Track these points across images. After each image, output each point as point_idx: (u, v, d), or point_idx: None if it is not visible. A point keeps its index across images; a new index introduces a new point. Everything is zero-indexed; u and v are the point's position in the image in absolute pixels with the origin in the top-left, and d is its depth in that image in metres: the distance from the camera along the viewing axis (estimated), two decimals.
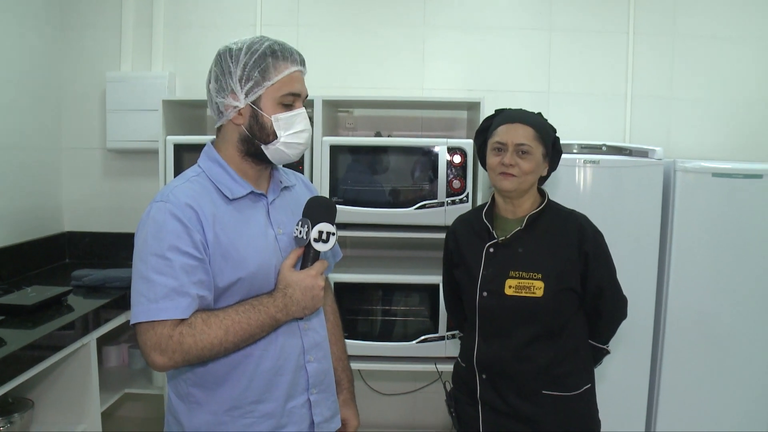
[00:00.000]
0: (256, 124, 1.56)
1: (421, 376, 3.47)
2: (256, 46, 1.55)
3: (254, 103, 1.54)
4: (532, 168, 2.00)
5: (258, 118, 1.55)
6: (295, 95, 1.58)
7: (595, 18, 3.51)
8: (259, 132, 1.56)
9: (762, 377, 3.13)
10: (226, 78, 1.56)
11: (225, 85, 1.56)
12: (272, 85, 1.54)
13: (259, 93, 1.54)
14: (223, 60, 1.58)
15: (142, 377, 3.32)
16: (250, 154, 1.60)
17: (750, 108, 3.57)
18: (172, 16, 3.53)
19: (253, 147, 1.58)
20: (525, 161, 1.98)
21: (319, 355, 1.70)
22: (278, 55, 1.55)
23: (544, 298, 1.97)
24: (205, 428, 1.57)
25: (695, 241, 3.06)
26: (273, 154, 1.59)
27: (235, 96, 1.55)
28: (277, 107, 1.56)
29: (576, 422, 2.05)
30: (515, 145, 1.98)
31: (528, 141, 1.99)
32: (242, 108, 1.55)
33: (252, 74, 1.53)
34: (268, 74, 1.53)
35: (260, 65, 1.53)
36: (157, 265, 1.44)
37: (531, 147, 1.99)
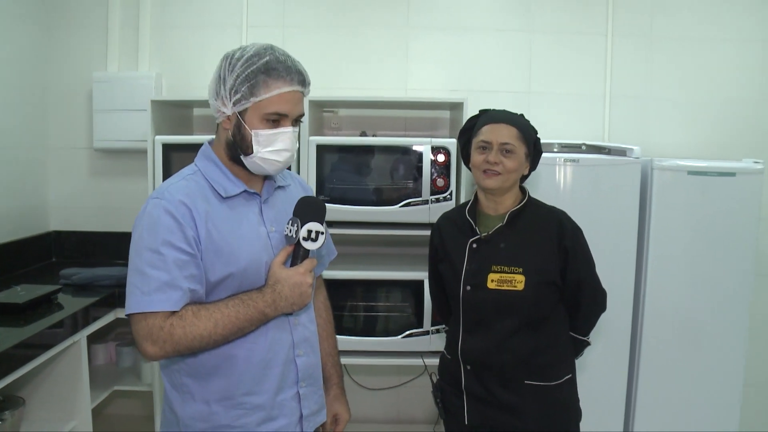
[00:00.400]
0: (238, 134, 1.60)
1: (406, 371, 3.53)
2: (255, 59, 1.57)
3: (240, 114, 1.59)
4: (516, 167, 2.06)
5: (241, 128, 1.59)
6: (280, 114, 1.60)
7: (574, 20, 3.59)
8: (240, 141, 1.60)
9: (735, 368, 3.22)
10: (220, 85, 1.60)
11: (219, 90, 1.60)
12: (259, 102, 1.57)
13: (245, 106, 1.57)
14: (223, 66, 1.61)
15: (130, 374, 3.35)
16: (233, 159, 1.65)
17: (725, 108, 3.66)
18: (159, 17, 3.56)
19: (236, 153, 1.63)
20: (509, 160, 2.05)
21: (308, 349, 1.75)
22: (273, 73, 1.57)
23: (525, 292, 2.03)
24: (198, 418, 1.62)
25: (672, 237, 3.13)
26: (251, 165, 1.63)
27: (224, 103, 1.59)
28: (261, 123, 1.59)
29: (557, 411, 2.12)
30: (500, 144, 2.04)
31: (512, 140, 2.05)
32: (230, 115, 1.60)
33: (241, 87, 1.56)
34: (257, 91, 1.56)
35: (251, 80, 1.56)
36: (150, 259, 1.50)
37: (515, 146, 2.05)
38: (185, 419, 1.64)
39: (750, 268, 3.20)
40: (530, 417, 2.08)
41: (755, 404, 3.76)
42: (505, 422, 2.09)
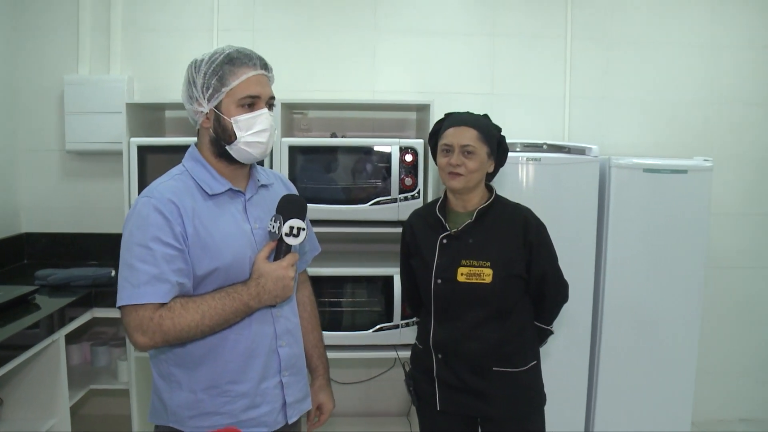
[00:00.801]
0: (219, 127, 1.69)
1: (377, 364, 3.61)
2: (215, 56, 1.68)
3: (217, 107, 1.68)
4: (477, 167, 2.16)
5: (220, 121, 1.68)
6: (253, 97, 1.69)
7: (534, 24, 3.72)
8: (222, 133, 1.69)
9: (688, 356, 3.39)
10: (191, 88, 1.69)
11: (192, 93, 1.69)
12: (231, 90, 1.66)
13: (219, 98, 1.67)
14: (189, 72, 1.71)
15: (105, 374, 3.38)
16: (220, 155, 1.73)
17: (677, 108, 3.83)
18: (130, 21, 3.59)
19: (221, 148, 1.71)
20: (470, 161, 2.15)
21: (291, 340, 1.84)
22: (235, 61, 1.67)
23: (493, 284, 2.14)
24: (185, 406, 1.70)
25: (629, 232, 3.28)
26: (237, 153, 1.71)
27: (200, 103, 1.68)
28: (238, 110, 1.68)
29: (524, 395, 2.24)
30: (461, 146, 2.15)
31: (472, 142, 2.15)
32: (207, 113, 1.69)
33: (210, 82, 1.66)
34: (226, 80, 1.66)
35: (217, 73, 1.66)
36: (140, 254, 1.58)
37: (475, 147, 2.15)
38: (173, 407, 1.72)
39: (701, 260, 3.36)
40: (498, 401, 2.20)
41: (707, 390, 3.94)
42: (475, 407, 2.21)
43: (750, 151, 3.91)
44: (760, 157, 3.92)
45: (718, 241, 3.91)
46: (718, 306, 3.97)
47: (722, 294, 3.97)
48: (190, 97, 1.71)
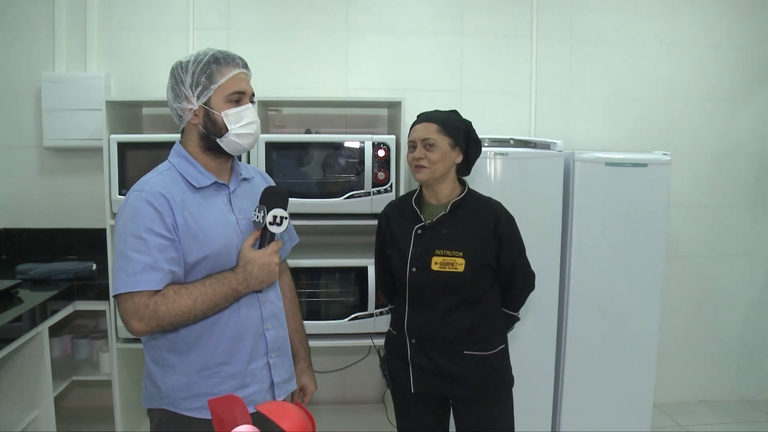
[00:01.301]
0: (209, 122, 1.79)
1: (353, 351, 3.73)
2: (201, 56, 1.79)
3: (206, 104, 1.78)
4: (439, 157, 2.27)
5: (210, 116, 1.79)
6: (240, 93, 1.81)
7: (501, 23, 3.85)
8: (212, 128, 1.80)
9: (650, 340, 3.53)
10: (180, 87, 1.79)
11: (180, 92, 1.79)
12: (219, 87, 1.78)
13: (208, 95, 1.77)
14: (176, 72, 1.81)
15: (87, 365, 3.44)
16: (209, 149, 1.83)
17: (638, 104, 4.00)
18: (106, 19, 3.63)
19: (211, 142, 1.82)
20: (431, 153, 2.27)
21: (276, 323, 1.95)
22: (221, 61, 1.79)
23: (465, 273, 2.26)
24: (178, 388, 1.80)
25: (592, 223, 3.41)
26: (228, 145, 1.82)
27: (189, 101, 1.78)
28: (226, 105, 1.79)
29: (493, 377, 2.37)
30: (422, 140, 2.28)
31: (431, 135, 2.27)
32: (196, 110, 1.79)
33: (200, 80, 1.77)
34: (214, 78, 1.77)
35: (206, 71, 1.77)
36: (134, 244, 1.68)
37: (435, 140, 2.27)
38: (167, 390, 1.81)
39: (661, 249, 3.51)
40: (470, 383, 2.32)
41: (669, 373, 4.13)
42: (448, 389, 2.34)
43: (708, 145, 4.10)
44: (718, 151, 4.11)
45: (678, 232, 4.09)
46: (678, 293, 4.15)
47: (682, 282, 4.16)
48: (177, 96, 1.80)
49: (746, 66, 4.06)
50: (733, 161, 4.13)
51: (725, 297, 4.25)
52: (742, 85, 4.08)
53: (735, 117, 4.09)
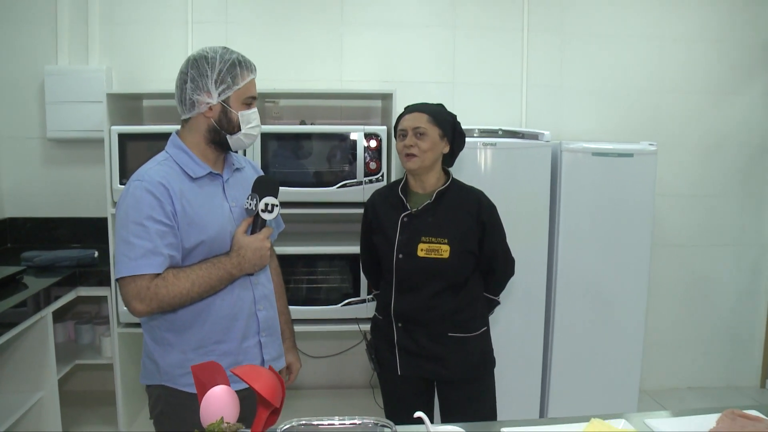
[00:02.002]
0: (225, 118, 1.91)
1: (348, 336, 3.81)
2: (227, 56, 1.90)
3: (225, 101, 1.90)
4: (429, 146, 2.36)
5: (227, 113, 1.90)
6: (253, 98, 1.95)
7: (493, 17, 3.93)
8: (227, 125, 1.91)
9: (636, 327, 3.62)
10: (203, 79, 1.88)
11: (201, 84, 1.88)
12: (239, 89, 1.90)
13: (229, 94, 1.89)
14: (200, 65, 1.89)
15: (90, 350, 3.56)
16: (214, 142, 1.94)
17: (627, 95, 4.08)
18: (107, 13, 3.73)
19: (219, 136, 1.93)
20: (422, 141, 2.35)
21: (267, 304, 2.07)
22: (243, 65, 1.91)
23: (450, 259, 2.36)
24: (176, 365, 1.92)
25: (579, 211, 3.49)
26: (234, 142, 1.94)
27: (210, 94, 1.89)
28: (241, 106, 1.92)
29: (476, 358, 2.47)
30: (412, 129, 2.36)
31: (422, 124, 2.36)
32: (214, 105, 1.90)
33: (226, 78, 1.88)
34: (237, 80, 1.89)
35: (232, 72, 1.88)
36: (136, 231, 1.78)
37: (426, 129, 2.36)
38: (165, 367, 1.93)
39: (647, 237, 3.59)
40: (454, 364, 2.43)
41: (657, 360, 4.23)
42: (433, 370, 2.43)
43: (696, 136, 4.18)
44: (706, 142, 4.19)
45: (667, 221, 4.18)
46: (667, 281, 4.24)
47: (671, 270, 4.25)
48: (197, 87, 1.89)
49: (733, 59, 4.14)
50: (721, 152, 4.21)
51: (714, 285, 4.34)
52: (729, 77, 4.15)
53: (722, 109, 4.17)
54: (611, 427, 1.65)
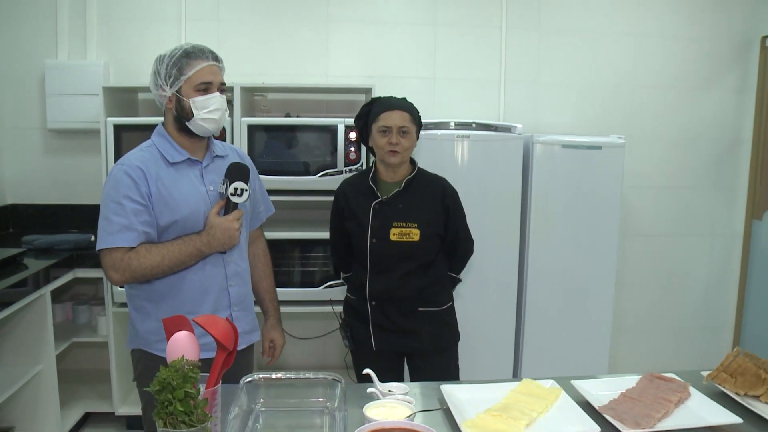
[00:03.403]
0: (179, 107, 2.11)
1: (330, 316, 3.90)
2: (175, 51, 2.11)
3: (178, 92, 2.09)
4: (411, 144, 2.58)
5: (181, 102, 2.10)
6: (207, 83, 2.11)
7: (472, 14, 4.09)
8: (182, 112, 2.11)
9: (605, 314, 3.81)
10: (156, 77, 2.13)
11: (157, 82, 2.13)
12: (188, 78, 2.09)
13: (179, 85, 2.09)
14: (155, 65, 2.14)
15: (87, 329, 3.76)
16: (181, 130, 2.15)
17: (602, 91, 4.25)
18: (105, 10, 3.90)
19: (182, 124, 2.13)
20: (405, 140, 2.55)
21: (239, 281, 2.27)
22: (191, 55, 2.10)
23: (420, 242, 2.58)
24: (152, 332, 2.14)
25: (550, 202, 3.66)
26: (195, 127, 2.13)
27: (163, 89, 2.11)
28: (195, 93, 2.10)
29: (444, 330, 2.72)
30: (398, 127, 2.53)
31: (407, 123, 2.55)
32: (170, 96, 2.10)
33: (172, 72, 2.08)
34: (184, 70, 2.08)
35: (177, 64, 2.08)
36: (114, 208, 2.01)
37: (409, 128, 2.56)
38: (143, 333, 2.16)
39: (616, 227, 3.77)
40: (424, 336, 2.66)
41: (626, 346, 4.41)
42: (405, 344, 2.66)
43: (670, 130, 4.34)
44: (679, 136, 4.35)
45: (640, 212, 4.36)
46: (640, 270, 4.42)
47: (644, 259, 4.42)
48: (156, 85, 2.14)
49: (705, 56, 4.30)
50: (694, 145, 4.38)
51: (685, 274, 4.51)
52: (701, 74, 4.32)
53: (694, 104, 4.33)
54: (540, 386, 1.86)
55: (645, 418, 1.65)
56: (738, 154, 4.43)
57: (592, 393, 1.83)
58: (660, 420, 1.66)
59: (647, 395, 1.79)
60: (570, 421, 1.67)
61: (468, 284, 3.42)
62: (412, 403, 1.67)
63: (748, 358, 1.89)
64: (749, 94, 4.37)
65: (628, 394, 1.83)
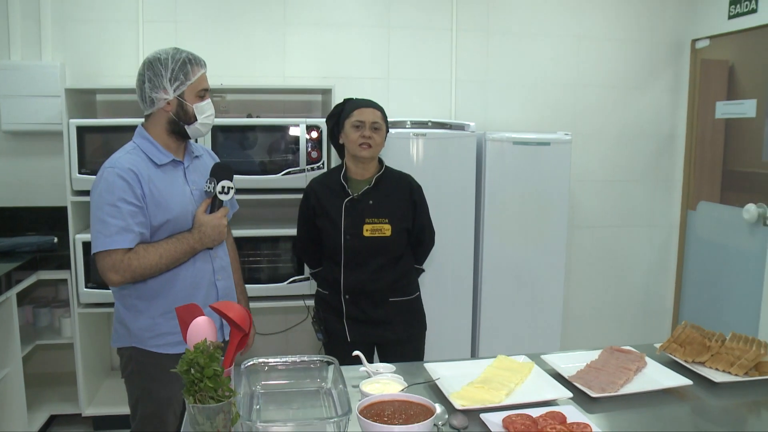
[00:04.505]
0: (181, 111, 2.19)
1: (293, 311, 4.07)
2: (178, 55, 2.17)
3: (180, 96, 2.17)
4: (382, 140, 2.71)
5: (183, 106, 2.18)
6: (205, 90, 2.23)
7: (424, 17, 4.24)
8: (184, 116, 2.20)
9: (556, 302, 4.02)
10: (158, 79, 2.16)
11: (158, 83, 2.16)
12: (192, 84, 2.18)
13: (183, 89, 2.17)
14: (155, 66, 2.17)
15: (49, 331, 3.75)
16: (174, 132, 2.22)
17: (548, 89, 4.45)
18: (59, 10, 3.86)
19: (178, 127, 2.21)
20: (377, 135, 2.68)
21: (225, 275, 2.38)
22: (194, 61, 2.19)
23: (392, 237, 2.71)
24: (146, 329, 2.21)
25: (503, 196, 3.84)
26: (192, 131, 2.23)
27: (166, 91, 2.16)
28: (196, 99, 2.20)
29: (413, 318, 2.87)
30: (371, 123, 2.66)
31: (379, 120, 2.69)
32: (171, 100, 2.17)
33: (179, 76, 2.16)
34: (189, 76, 2.17)
35: (183, 69, 2.16)
36: (110, 211, 2.07)
37: (381, 125, 2.69)
38: (136, 331, 2.22)
39: (564, 219, 3.97)
40: (395, 325, 2.79)
41: (578, 329, 4.64)
42: (378, 334, 2.78)
43: (611, 127, 4.58)
44: (619, 132, 4.60)
45: (585, 205, 4.59)
46: (586, 260, 4.65)
47: (589, 250, 4.66)
48: (155, 86, 2.16)
49: (641, 58, 4.56)
50: (633, 141, 4.64)
51: (628, 262, 4.77)
52: (638, 73, 4.57)
53: (632, 102, 4.59)
54: (514, 361, 2.06)
55: (610, 385, 1.88)
56: (673, 149, 4.71)
57: (561, 365, 2.05)
58: (622, 385, 1.89)
59: (610, 365, 2.02)
60: (545, 389, 1.86)
61: (427, 275, 3.52)
62: (402, 380, 1.81)
63: (694, 329, 2.15)
64: (682, 93, 4.65)
65: (593, 365, 2.06)
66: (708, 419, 1.80)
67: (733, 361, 1.99)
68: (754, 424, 1.83)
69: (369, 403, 1.54)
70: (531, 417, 1.61)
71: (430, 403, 1.54)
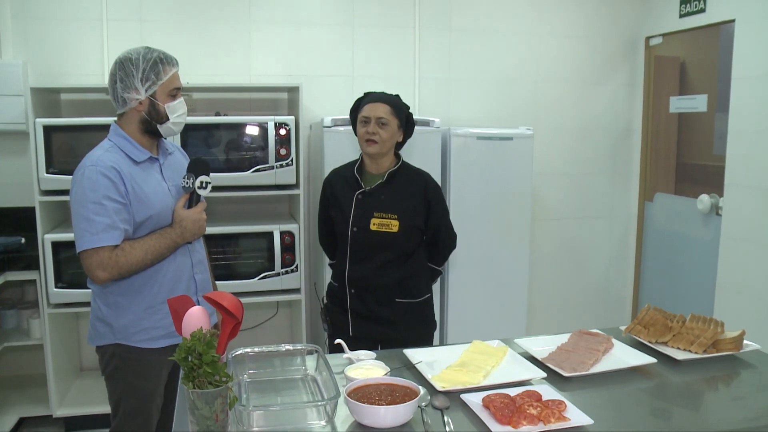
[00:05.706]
0: (153, 110, 2.21)
1: (264, 306, 4.13)
2: (149, 55, 2.18)
3: (152, 96, 2.19)
4: (389, 136, 2.62)
5: (155, 106, 2.20)
6: (177, 89, 2.24)
7: (388, 15, 4.31)
8: (156, 116, 2.21)
9: (521, 292, 4.13)
10: (130, 79, 2.17)
11: (129, 84, 2.17)
12: (163, 83, 2.19)
13: (155, 89, 2.19)
14: (126, 66, 2.18)
15: (17, 333, 3.72)
16: (147, 131, 2.25)
17: (509, 86, 4.57)
18: (19, 8, 3.81)
19: (151, 126, 2.23)
20: (383, 131, 2.60)
21: (202, 268, 2.42)
22: (165, 61, 2.20)
23: (399, 233, 2.64)
24: (129, 325, 2.23)
25: (468, 190, 3.93)
26: (165, 130, 2.25)
27: (137, 91, 2.18)
28: (167, 98, 2.22)
29: (420, 321, 2.82)
30: (376, 118, 2.59)
31: (385, 115, 2.60)
32: (142, 99, 2.19)
33: (150, 76, 2.17)
34: (160, 75, 2.18)
35: (155, 69, 2.17)
36: (95, 209, 2.08)
37: (388, 120, 2.60)
38: (119, 327, 2.24)
39: (528, 212, 4.10)
40: (400, 327, 2.73)
41: (542, 316, 4.77)
42: (382, 332, 2.72)
43: (569, 122, 4.72)
44: (578, 126, 4.74)
45: (547, 197, 4.72)
46: (549, 250, 4.79)
47: (551, 240, 4.79)
48: (126, 86, 2.17)
49: (598, 54, 4.71)
50: (591, 135, 4.78)
51: (588, 253, 4.93)
52: (596, 69, 4.72)
53: (591, 97, 4.73)
54: (488, 345, 2.15)
55: (580, 365, 1.99)
56: (630, 143, 4.87)
57: (533, 348, 2.14)
58: (592, 365, 2.00)
59: (579, 347, 2.12)
60: (520, 371, 1.96)
61: None
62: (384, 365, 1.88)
63: (657, 311, 2.27)
64: (637, 88, 4.82)
65: (564, 347, 2.16)
66: (671, 394, 1.93)
67: (692, 340, 2.12)
68: (713, 397, 1.97)
69: (356, 386, 1.61)
70: (509, 396, 1.69)
71: (415, 385, 1.62)
